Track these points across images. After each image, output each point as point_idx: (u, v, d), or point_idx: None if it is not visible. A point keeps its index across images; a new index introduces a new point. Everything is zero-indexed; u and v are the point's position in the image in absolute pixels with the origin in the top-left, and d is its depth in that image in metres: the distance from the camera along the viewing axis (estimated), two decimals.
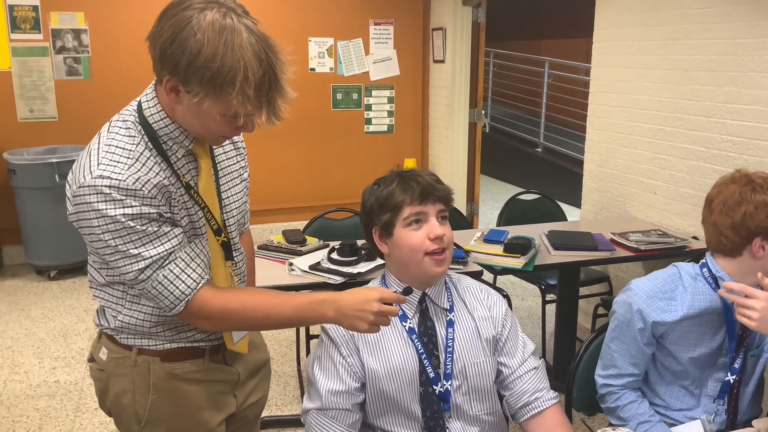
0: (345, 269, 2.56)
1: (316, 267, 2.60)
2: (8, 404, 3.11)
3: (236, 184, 1.50)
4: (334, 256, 2.65)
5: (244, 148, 1.57)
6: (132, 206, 1.23)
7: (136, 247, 1.25)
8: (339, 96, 5.63)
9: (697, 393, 1.79)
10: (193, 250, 1.34)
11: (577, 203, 4.28)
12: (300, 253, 2.80)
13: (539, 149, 8.71)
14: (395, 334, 1.55)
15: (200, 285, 1.32)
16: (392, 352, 1.53)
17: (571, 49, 8.49)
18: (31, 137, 4.87)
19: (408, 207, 1.52)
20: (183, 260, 1.30)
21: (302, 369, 3.49)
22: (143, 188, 1.24)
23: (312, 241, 2.92)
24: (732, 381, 1.75)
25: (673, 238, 3.02)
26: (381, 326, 1.36)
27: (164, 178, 1.29)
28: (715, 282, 1.73)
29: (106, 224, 1.23)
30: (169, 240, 1.29)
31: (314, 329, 3.42)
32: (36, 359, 3.56)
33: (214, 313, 1.33)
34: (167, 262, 1.28)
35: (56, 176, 4.47)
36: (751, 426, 1.65)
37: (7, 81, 4.80)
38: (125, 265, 1.27)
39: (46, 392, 3.22)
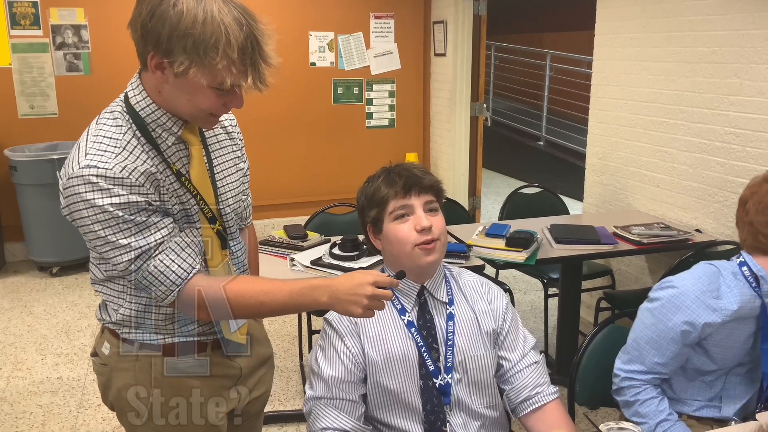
0: (347, 264, 2.55)
1: (317, 262, 2.60)
2: (11, 401, 3.11)
3: (231, 173, 1.49)
4: (336, 251, 2.64)
5: (241, 140, 1.56)
6: (119, 195, 1.23)
7: (125, 237, 1.25)
8: (340, 90, 5.62)
9: (716, 387, 1.78)
10: (183, 239, 1.33)
11: (579, 196, 4.26)
12: (301, 249, 2.80)
13: (541, 143, 8.69)
14: (395, 327, 1.55)
15: (191, 274, 1.32)
16: (392, 345, 1.53)
17: (573, 41, 8.45)
18: (32, 134, 4.87)
19: (393, 201, 1.52)
20: (173, 250, 1.30)
21: (305, 364, 3.49)
22: (130, 176, 1.24)
23: (313, 237, 2.92)
24: None
25: (675, 231, 3.01)
26: (377, 312, 1.36)
27: (152, 166, 1.29)
28: (756, 281, 1.71)
29: (95, 214, 1.23)
30: (158, 230, 1.28)
31: (316, 324, 3.42)
32: (39, 356, 3.57)
33: (207, 301, 1.32)
34: (157, 252, 1.28)
35: (57, 173, 4.45)
36: (755, 419, 1.65)
37: (8, 77, 4.80)
38: (116, 256, 1.27)
39: (49, 389, 3.22)
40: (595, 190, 3.93)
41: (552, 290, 3.55)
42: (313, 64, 5.49)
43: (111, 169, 1.23)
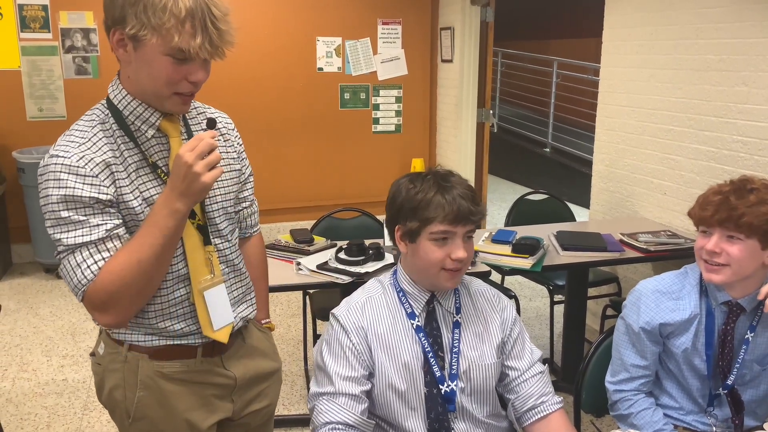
0: (352, 269, 2.55)
1: (323, 266, 2.60)
2: (17, 402, 3.12)
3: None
4: (342, 255, 2.65)
5: (239, 144, 1.57)
6: (67, 187, 1.25)
7: (59, 233, 1.28)
8: (347, 96, 5.63)
9: (701, 401, 1.78)
10: (112, 244, 1.29)
11: (585, 204, 4.25)
12: (307, 253, 2.80)
13: (547, 149, 8.68)
14: (404, 330, 1.55)
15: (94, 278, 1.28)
16: (401, 348, 1.54)
17: (580, 48, 8.46)
18: (40, 136, 4.89)
19: (439, 224, 1.48)
20: (89, 250, 1.28)
21: (309, 369, 3.48)
22: (86, 166, 1.27)
23: (319, 241, 2.92)
24: (723, 394, 1.73)
25: (682, 239, 3.00)
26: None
27: (113, 157, 1.31)
28: (702, 283, 1.75)
29: (48, 203, 1.27)
30: (91, 232, 1.27)
31: (321, 329, 3.42)
32: (44, 357, 3.58)
33: (101, 296, 1.28)
34: (77, 248, 1.28)
35: None
36: (763, 429, 1.64)
37: (17, 80, 4.83)
38: (55, 244, 1.30)
39: (54, 390, 3.23)
40: (601, 197, 3.92)
41: (558, 297, 3.55)
42: (321, 69, 5.51)
43: (69, 158, 1.27)
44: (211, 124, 1.40)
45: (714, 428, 1.75)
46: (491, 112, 5.40)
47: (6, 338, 3.80)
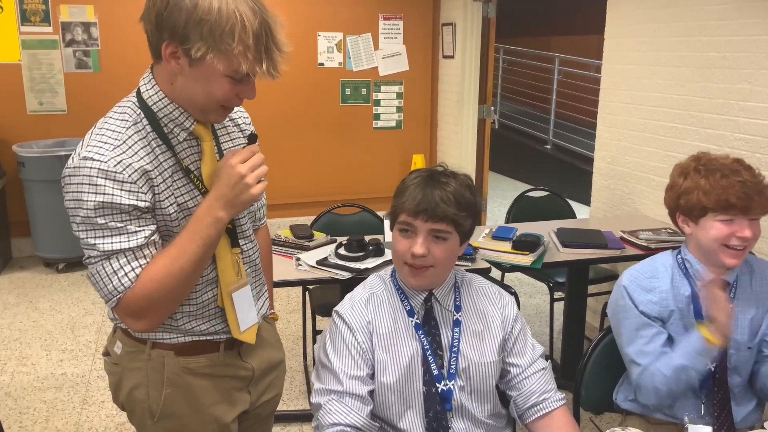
0: (352, 265, 2.55)
1: (323, 262, 2.60)
2: (15, 396, 3.12)
3: None
4: (342, 251, 2.64)
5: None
6: (105, 193, 1.22)
7: (94, 238, 1.25)
8: (348, 91, 5.62)
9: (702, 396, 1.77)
10: (149, 250, 1.28)
11: (586, 201, 4.25)
12: (307, 248, 2.80)
13: (548, 146, 8.66)
14: (404, 327, 1.55)
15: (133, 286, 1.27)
16: (401, 346, 1.53)
17: (582, 45, 8.43)
18: (41, 130, 4.89)
19: (403, 214, 1.50)
20: (126, 257, 1.26)
21: (309, 365, 3.48)
22: (124, 172, 1.23)
23: (319, 237, 2.92)
24: (712, 369, 1.72)
25: (683, 237, 2.98)
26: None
27: (149, 163, 1.28)
28: (684, 266, 1.80)
29: (78, 207, 1.24)
30: (129, 239, 1.26)
31: (321, 324, 3.41)
32: (43, 351, 3.58)
33: (139, 302, 1.27)
34: (114, 255, 1.26)
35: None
36: (763, 428, 1.64)
37: (17, 74, 4.82)
38: (83, 248, 1.28)
39: (53, 384, 3.23)
40: (602, 195, 3.91)
41: (558, 294, 3.54)
42: (322, 64, 5.50)
43: (106, 162, 1.22)
44: (253, 138, 1.38)
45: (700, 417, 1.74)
46: (492, 108, 5.39)
47: (5, 332, 3.80)
